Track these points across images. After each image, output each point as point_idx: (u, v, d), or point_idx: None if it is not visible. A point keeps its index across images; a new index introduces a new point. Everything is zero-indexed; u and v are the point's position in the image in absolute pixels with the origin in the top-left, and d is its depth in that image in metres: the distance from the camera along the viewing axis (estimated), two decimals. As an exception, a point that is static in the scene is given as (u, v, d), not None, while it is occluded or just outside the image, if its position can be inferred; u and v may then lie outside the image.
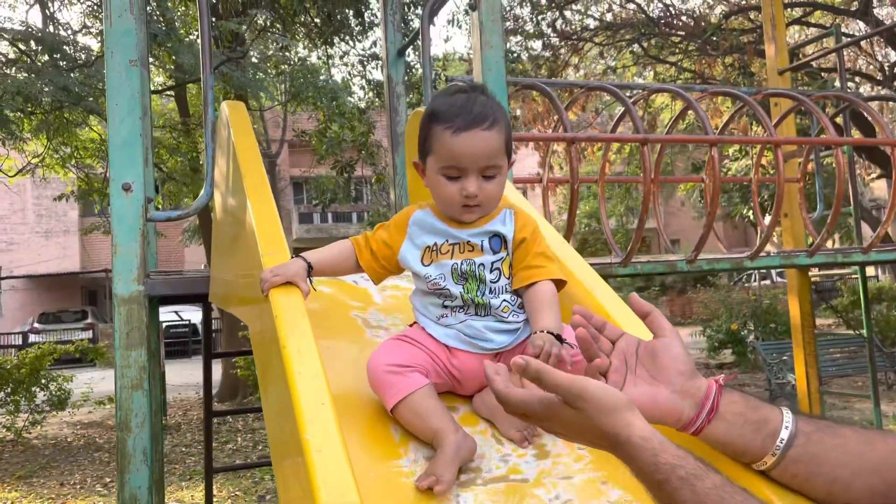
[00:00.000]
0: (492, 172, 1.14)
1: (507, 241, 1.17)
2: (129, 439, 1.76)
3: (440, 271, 1.14)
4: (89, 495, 6.41)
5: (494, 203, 1.17)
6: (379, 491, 0.95)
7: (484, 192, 1.14)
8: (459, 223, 1.17)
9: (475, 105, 1.14)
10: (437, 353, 1.12)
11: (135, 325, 1.78)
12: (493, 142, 1.13)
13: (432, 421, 1.00)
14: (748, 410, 0.86)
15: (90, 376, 11.09)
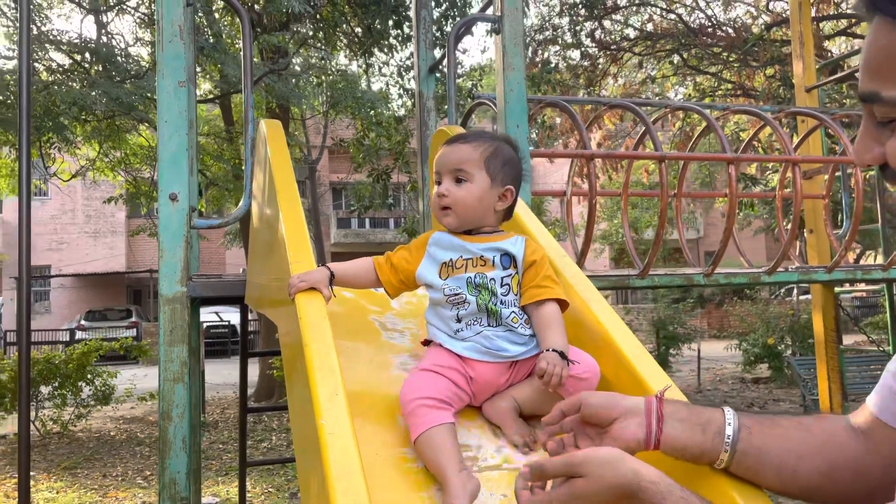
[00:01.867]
0: (462, 177, 1.27)
1: (516, 260, 1.26)
2: (171, 428, 1.93)
3: (456, 283, 1.24)
4: (130, 487, 6.68)
5: (467, 209, 1.27)
6: (384, 471, 1.08)
7: (452, 195, 1.26)
8: (471, 237, 1.27)
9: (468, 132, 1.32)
10: (458, 371, 1.18)
11: (178, 323, 1.95)
12: (466, 151, 1.27)
13: (441, 459, 1.05)
14: (692, 415, 0.93)
15: (133, 373, 11.48)
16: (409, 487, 1.09)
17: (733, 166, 2.56)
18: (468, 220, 1.28)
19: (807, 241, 3.78)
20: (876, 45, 0.71)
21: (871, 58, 0.71)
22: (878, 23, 0.70)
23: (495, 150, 1.29)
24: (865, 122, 0.76)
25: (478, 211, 1.28)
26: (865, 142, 0.76)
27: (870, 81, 0.72)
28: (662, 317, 12.71)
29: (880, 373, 0.87)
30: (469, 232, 1.29)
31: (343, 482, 0.90)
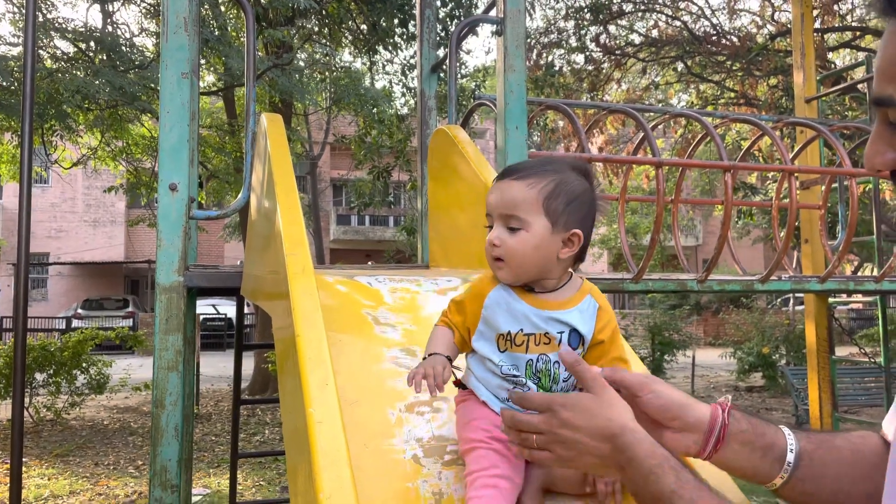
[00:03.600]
0: (514, 224, 1.06)
1: (584, 339, 1.08)
2: (163, 415, 1.95)
3: (513, 362, 1.08)
4: (122, 476, 6.69)
5: (523, 264, 1.07)
6: (371, 462, 1.10)
7: (505, 245, 1.06)
8: (535, 297, 1.09)
9: (524, 163, 1.13)
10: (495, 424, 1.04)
11: (174, 312, 1.97)
12: (519, 191, 1.06)
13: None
14: (755, 438, 0.91)
15: (128, 363, 11.50)
16: (396, 478, 1.11)
17: (729, 174, 2.58)
18: (524, 276, 1.08)
19: (802, 251, 3.80)
20: (891, 48, 0.70)
21: (886, 61, 0.71)
22: (893, 26, 0.70)
23: (556, 186, 1.06)
24: (879, 126, 0.75)
25: (536, 264, 1.07)
26: (878, 146, 0.75)
27: (886, 85, 0.71)
28: (658, 322, 12.74)
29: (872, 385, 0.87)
30: (531, 288, 1.09)
31: (330, 471, 0.92)
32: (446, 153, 2.10)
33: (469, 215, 1.99)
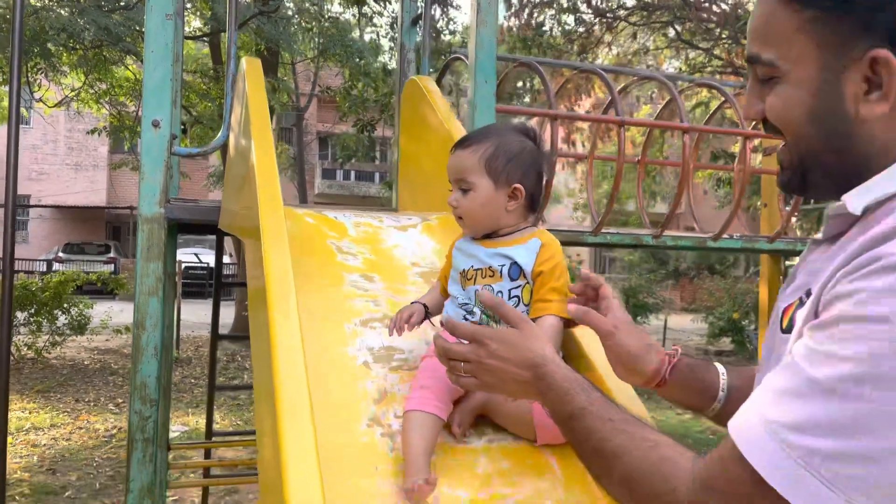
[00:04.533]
0: (465, 187, 1.23)
1: (525, 271, 1.21)
2: (143, 336, 2.10)
3: (467, 294, 1.23)
4: (102, 412, 6.87)
5: (475, 218, 1.24)
6: (328, 366, 1.26)
7: (460, 205, 1.24)
8: (488, 241, 1.25)
9: (473, 132, 1.30)
10: None
11: (154, 241, 2.10)
12: (465, 158, 1.23)
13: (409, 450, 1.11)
14: (695, 382, 1.07)
15: (110, 307, 11.58)
16: (349, 379, 1.27)
17: (688, 135, 2.73)
18: (481, 228, 1.26)
19: (761, 214, 3.98)
20: (759, 12, 0.82)
21: (755, 24, 0.83)
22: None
23: (495, 149, 1.22)
24: (751, 81, 0.86)
25: (487, 217, 1.24)
26: (751, 99, 0.87)
27: (752, 45, 0.83)
28: (634, 286, 13.02)
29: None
30: (489, 235, 1.26)
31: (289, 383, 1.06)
32: (416, 103, 2.23)
33: (434, 162, 2.13)
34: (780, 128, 0.83)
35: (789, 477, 0.66)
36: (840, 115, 0.79)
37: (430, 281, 1.61)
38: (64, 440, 5.86)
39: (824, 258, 0.80)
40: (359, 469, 1.12)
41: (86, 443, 5.81)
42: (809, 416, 0.66)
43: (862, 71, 0.76)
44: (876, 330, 0.65)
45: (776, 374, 0.73)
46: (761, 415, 0.70)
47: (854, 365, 0.65)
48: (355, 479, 1.10)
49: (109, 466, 5.18)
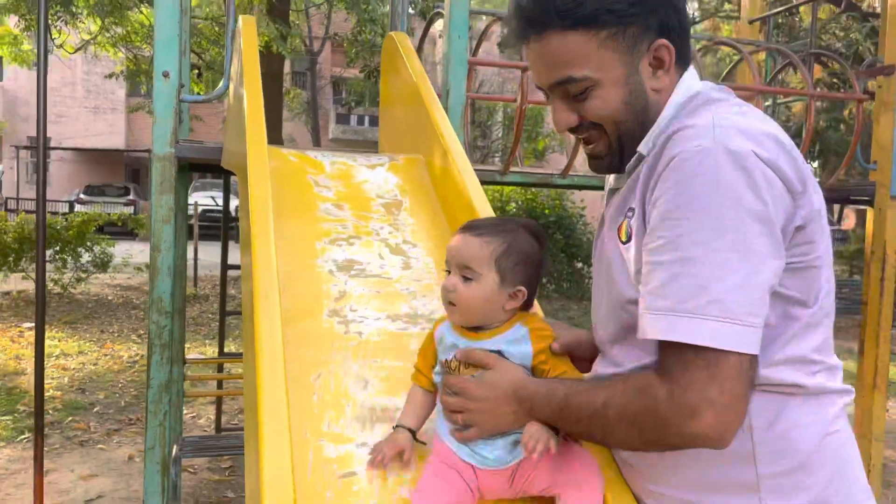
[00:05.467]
0: (468, 275, 1.15)
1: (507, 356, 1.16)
2: (159, 258, 2.47)
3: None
4: (126, 342, 7.38)
5: (472, 310, 1.17)
6: (300, 273, 1.61)
7: (458, 292, 1.16)
8: (474, 333, 1.19)
9: (483, 221, 1.27)
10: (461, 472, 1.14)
11: (167, 177, 2.45)
12: (475, 248, 1.16)
13: None
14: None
15: (130, 247, 12.07)
16: (316, 282, 1.61)
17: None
18: (472, 320, 1.19)
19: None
20: (553, 52, 1.03)
21: (554, 60, 1.03)
22: (546, 37, 1.03)
23: (508, 246, 1.17)
24: (557, 101, 1.08)
25: (484, 311, 1.18)
26: (562, 114, 1.08)
27: (558, 72, 1.04)
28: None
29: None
30: (476, 328, 1.19)
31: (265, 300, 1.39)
32: (393, 57, 2.52)
33: (406, 112, 2.44)
34: (602, 122, 1.07)
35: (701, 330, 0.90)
36: (642, 94, 1.07)
37: (391, 211, 1.94)
38: (91, 365, 6.37)
39: (628, 188, 1.08)
40: (319, 346, 1.47)
41: (111, 367, 6.31)
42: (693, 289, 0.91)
43: (649, 58, 1.06)
44: (691, 207, 0.92)
45: (649, 278, 0.96)
46: (660, 308, 0.93)
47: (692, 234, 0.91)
48: (315, 354, 1.46)
49: (133, 388, 5.67)
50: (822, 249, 1.00)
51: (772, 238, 0.93)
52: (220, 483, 3.92)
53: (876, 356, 3.34)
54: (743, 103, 1.08)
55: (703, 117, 0.99)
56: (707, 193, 0.91)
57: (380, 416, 1.34)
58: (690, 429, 0.92)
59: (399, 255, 1.77)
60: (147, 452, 2.54)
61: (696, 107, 1.05)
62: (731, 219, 0.90)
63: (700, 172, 0.92)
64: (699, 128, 0.96)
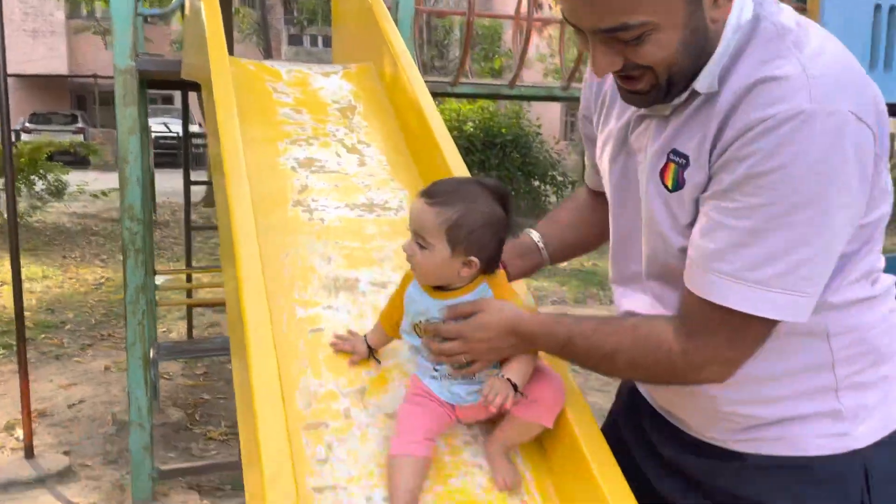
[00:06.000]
0: (422, 243, 1.16)
1: None
2: (127, 168, 2.61)
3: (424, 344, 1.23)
4: (89, 266, 7.46)
5: (427, 274, 1.19)
6: (265, 170, 1.79)
7: (414, 257, 1.18)
8: (440, 293, 1.21)
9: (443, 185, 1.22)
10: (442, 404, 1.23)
11: (129, 90, 2.56)
12: (428, 217, 1.15)
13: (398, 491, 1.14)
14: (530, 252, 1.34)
15: (84, 176, 11.89)
16: (280, 177, 1.80)
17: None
18: (430, 282, 1.21)
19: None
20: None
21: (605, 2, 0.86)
22: None
23: (460, 217, 1.15)
24: (602, 44, 0.91)
25: (439, 277, 1.19)
26: (606, 58, 0.92)
27: (612, 18, 0.87)
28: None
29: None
30: (440, 288, 1.21)
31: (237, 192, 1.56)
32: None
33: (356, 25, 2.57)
34: (654, 66, 0.91)
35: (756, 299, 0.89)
36: (702, 29, 0.91)
37: (346, 115, 2.12)
38: (57, 288, 6.47)
39: (675, 128, 0.97)
40: (286, 231, 1.67)
41: (77, 290, 6.42)
42: (755, 259, 0.88)
43: None
44: (777, 178, 0.85)
45: (714, 235, 0.91)
46: (721, 270, 0.90)
47: (773, 206, 0.86)
48: (283, 237, 1.66)
49: (102, 307, 5.82)
50: (886, 174, 0.96)
51: (857, 206, 0.91)
52: (196, 387, 4.17)
53: None
54: (811, 24, 0.96)
55: (789, 63, 0.88)
56: (797, 165, 0.85)
57: (342, 285, 1.56)
58: (697, 378, 0.99)
59: (355, 153, 1.95)
60: (129, 349, 2.74)
61: (768, 40, 0.91)
62: (817, 193, 0.85)
63: (795, 141, 0.84)
64: (792, 81, 0.86)
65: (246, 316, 1.30)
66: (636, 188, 1.08)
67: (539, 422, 1.20)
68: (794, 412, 1.02)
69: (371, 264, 1.63)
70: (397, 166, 1.94)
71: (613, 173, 1.13)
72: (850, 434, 1.02)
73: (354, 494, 1.20)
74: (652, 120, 1.02)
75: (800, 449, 1.02)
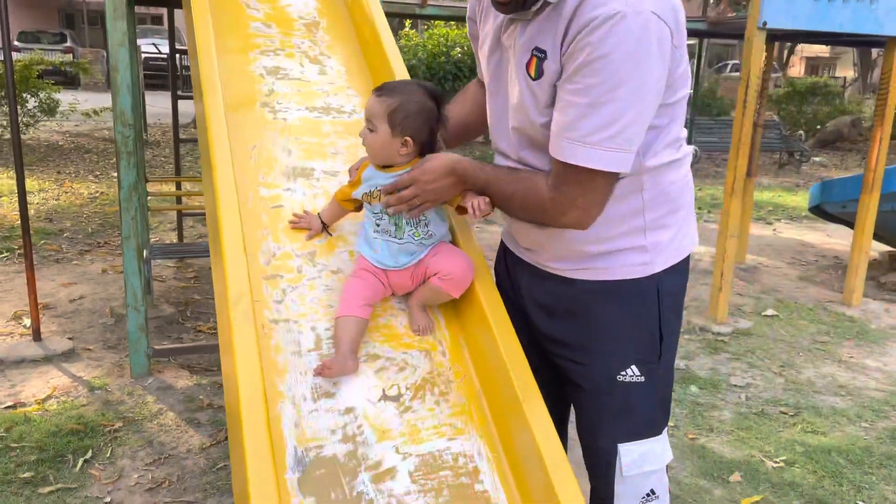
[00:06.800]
0: (370, 127, 1.48)
1: None
2: (118, 76, 2.87)
3: (372, 211, 1.56)
4: (84, 181, 7.72)
5: (374, 153, 1.51)
6: (236, 77, 2.07)
7: (365, 139, 1.50)
8: (386, 169, 1.52)
9: (389, 84, 1.54)
10: (375, 276, 1.56)
11: (118, 4, 2.80)
12: (374, 105, 1.48)
13: (339, 340, 1.47)
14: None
15: (74, 95, 11.97)
16: (251, 83, 2.09)
17: None
18: (378, 160, 1.53)
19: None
20: None
21: None
22: None
23: (399, 105, 1.46)
24: None
25: (384, 154, 1.50)
26: None
27: None
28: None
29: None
30: (387, 166, 1.53)
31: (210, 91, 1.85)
32: None
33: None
34: None
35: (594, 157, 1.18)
36: None
37: (310, 30, 2.38)
38: (53, 200, 6.76)
39: (536, 29, 1.25)
40: (254, 128, 1.97)
41: (73, 202, 6.72)
42: (593, 127, 1.17)
43: None
44: (603, 63, 1.13)
45: (565, 112, 1.20)
46: (570, 137, 1.19)
47: (602, 85, 1.14)
48: (251, 133, 1.96)
49: (98, 218, 6.13)
50: (685, 64, 1.26)
51: (660, 84, 1.19)
52: (187, 288, 4.53)
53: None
54: None
55: None
56: (616, 53, 1.13)
57: (300, 173, 1.88)
58: (562, 221, 1.30)
59: (316, 63, 2.24)
60: (124, 241, 3.07)
61: None
62: (631, 74, 1.14)
63: (613, 34, 1.12)
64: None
65: (218, 193, 1.63)
66: (506, 77, 1.37)
67: (448, 293, 1.56)
68: (613, 247, 1.37)
69: (325, 157, 1.95)
70: (353, 76, 2.23)
71: (490, 64, 1.43)
72: (650, 263, 1.38)
73: (302, 325, 1.56)
74: (517, 23, 1.31)
75: (616, 275, 1.39)
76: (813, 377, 3.70)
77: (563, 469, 1.33)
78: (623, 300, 1.40)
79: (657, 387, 1.44)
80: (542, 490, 1.35)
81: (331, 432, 1.41)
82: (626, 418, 1.44)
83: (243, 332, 1.39)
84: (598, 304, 1.41)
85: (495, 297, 1.57)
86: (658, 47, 1.16)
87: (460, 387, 1.55)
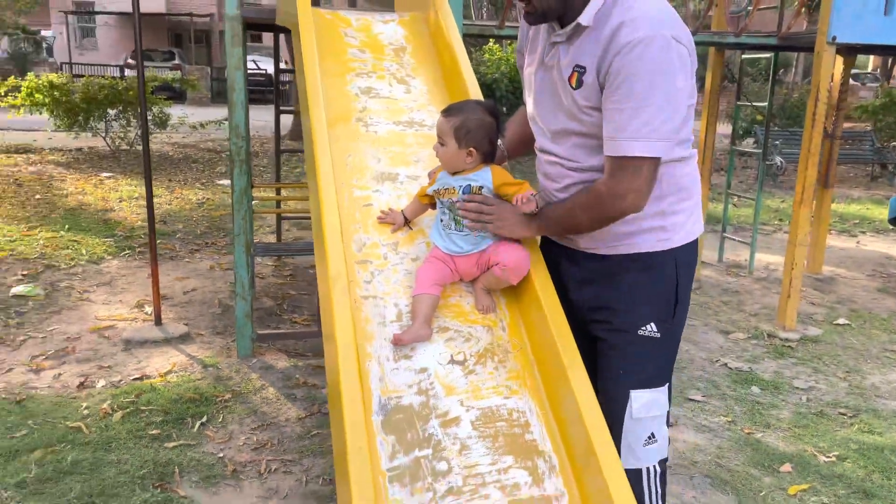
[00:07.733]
0: (441, 142, 1.82)
1: (481, 189, 1.80)
2: (234, 95, 3.33)
3: (442, 206, 1.88)
4: (192, 188, 8.44)
5: (446, 163, 1.85)
6: (333, 91, 2.45)
7: (438, 152, 1.84)
8: (455, 174, 1.85)
9: (453, 105, 1.88)
10: (444, 262, 1.87)
11: (236, 33, 3.25)
12: (442, 124, 1.82)
13: (416, 312, 1.79)
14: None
15: (182, 110, 12.94)
16: (347, 101, 2.45)
17: None
18: (450, 168, 1.85)
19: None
20: None
21: None
22: None
23: (461, 122, 1.79)
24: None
25: (453, 165, 1.83)
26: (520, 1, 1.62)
27: None
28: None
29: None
30: (456, 172, 1.85)
31: (314, 107, 2.22)
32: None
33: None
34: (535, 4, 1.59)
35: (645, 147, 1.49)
36: None
37: (398, 54, 2.74)
38: (166, 205, 7.46)
39: (576, 49, 1.58)
40: (349, 139, 2.33)
41: (183, 207, 7.39)
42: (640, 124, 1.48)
43: None
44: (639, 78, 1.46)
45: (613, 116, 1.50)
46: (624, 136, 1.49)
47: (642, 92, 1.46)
48: (347, 144, 2.32)
49: (206, 221, 6.75)
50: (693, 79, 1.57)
51: (686, 90, 1.53)
52: (284, 285, 5.00)
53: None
54: None
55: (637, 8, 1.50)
56: (649, 65, 1.46)
57: (387, 177, 2.23)
58: (621, 207, 1.56)
59: (403, 84, 2.59)
60: (235, 238, 3.52)
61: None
62: (663, 81, 1.46)
63: (645, 53, 1.45)
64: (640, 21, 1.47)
65: (321, 193, 1.99)
66: (550, 89, 1.71)
67: (508, 280, 1.84)
68: (638, 228, 1.68)
69: (408, 164, 2.28)
70: (434, 94, 2.56)
71: (536, 79, 1.76)
72: (669, 240, 1.71)
73: (387, 301, 1.90)
74: (558, 46, 1.65)
75: (641, 248, 1.71)
76: (878, 382, 3.76)
77: (600, 427, 1.60)
78: (646, 268, 1.71)
79: (668, 345, 1.76)
80: (582, 444, 1.63)
81: (408, 386, 1.73)
82: (641, 369, 1.73)
83: (341, 304, 1.74)
84: (625, 272, 1.73)
85: (548, 283, 1.86)
86: (679, 61, 1.49)
87: (517, 356, 1.84)
